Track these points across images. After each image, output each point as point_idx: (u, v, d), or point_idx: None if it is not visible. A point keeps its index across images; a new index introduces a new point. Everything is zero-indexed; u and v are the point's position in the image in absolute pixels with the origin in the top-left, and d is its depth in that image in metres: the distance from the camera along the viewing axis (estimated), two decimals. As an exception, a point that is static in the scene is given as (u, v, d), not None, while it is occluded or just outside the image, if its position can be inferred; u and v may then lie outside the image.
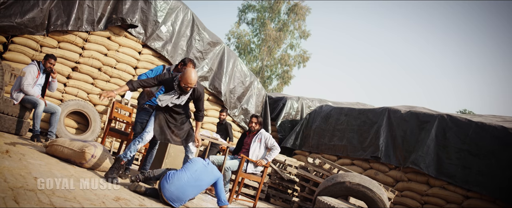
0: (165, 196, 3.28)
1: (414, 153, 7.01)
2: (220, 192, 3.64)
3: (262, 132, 5.20)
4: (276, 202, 6.85)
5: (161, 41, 7.32)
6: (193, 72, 3.70)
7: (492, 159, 6.27)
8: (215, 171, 3.59)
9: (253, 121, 5.24)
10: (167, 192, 3.27)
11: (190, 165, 3.50)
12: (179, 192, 3.28)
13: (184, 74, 3.69)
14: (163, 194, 3.28)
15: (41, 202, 2.13)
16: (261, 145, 5.10)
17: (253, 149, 5.07)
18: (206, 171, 3.51)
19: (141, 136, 3.80)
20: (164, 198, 3.29)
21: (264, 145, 5.12)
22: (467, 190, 6.40)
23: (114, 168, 3.66)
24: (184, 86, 3.71)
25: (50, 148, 3.73)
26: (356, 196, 4.40)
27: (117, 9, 6.79)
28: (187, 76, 3.66)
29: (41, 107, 4.86)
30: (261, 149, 5.09)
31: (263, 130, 5.25)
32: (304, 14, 25.19)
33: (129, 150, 3.80)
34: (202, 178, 3.44)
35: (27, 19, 5.93)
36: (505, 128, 6.37)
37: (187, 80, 3.68)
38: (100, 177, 3.48)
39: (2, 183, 2.22)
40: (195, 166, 3.48)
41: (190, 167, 3.47)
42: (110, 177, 3.51)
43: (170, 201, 3.28)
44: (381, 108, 8.02)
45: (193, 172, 3.41)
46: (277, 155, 6.02)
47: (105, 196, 2.73)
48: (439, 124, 7.00)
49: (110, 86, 6.91)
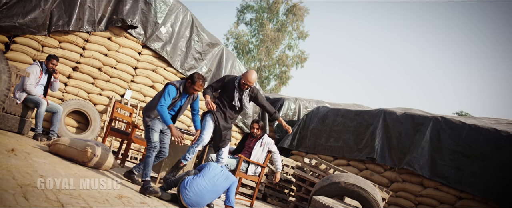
0: (184, 201, 3.42)
1: (408, 155, 7.13)
2: (231, 194, 3.77)
3: (265, 137, 5.42)
4: (273, 202, 6.97)
5: (160, 42, 7.42)
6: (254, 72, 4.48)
7: (485, 161, 6.40)
8: (230, 176, 3.73)
9: (255, 127, 5.46)
10: (187, 198, 3.41)
11: (208, 171, 3.61)
12: (198, 197, 3.42)
13: (246, 73, 4.46)
14: (182, 199, 3.42)
15: (49, 199, 2.23)
16: (264, 150, 5.32)
17: (255, 152, 5.28)
18: (222, 176, 3.64)
19: (200, 138, 4.31)
20: (184, 203, 3.42)
21: (266, 150, 5.32)
22: (460, 191, 6.53)
23: (173, 170, 4.10)
24: (243, 83, 4.42)
25: (53, 147, 3.82)
26: (351, 196, 4.52)
27: (117, 10, 6.88)
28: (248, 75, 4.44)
29: (43, 107, 4.95)
30: (262, 154, 5.32)
31: (266, 136, 5.46)
32: (303, 15, 25.33)
33: (188, 153, 4.27)
34: (219, 183, 3.58)
35: (29, 19, 6.01)
36: (498, 131, 6.51)
37: (248, 78, 4.42)
38: (102, 175, 3.58)
39: (11, 181, 2.32)
40: (212, 172, 3.61)
41: (207, 173, 3.59)
42: (168, 177, 4.07)
43: (190, 206, 3.42)
44: (377, 110, 8.15)
45: (211, 178, 3.55)
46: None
47: (108, 194, 2.83)
48: (433, 126, 7.13)
49: (110, 86, 7.00)
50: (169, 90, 3.84)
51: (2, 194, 2.04)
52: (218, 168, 3.71)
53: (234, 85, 4.60)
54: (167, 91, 3.84)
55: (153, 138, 3.81)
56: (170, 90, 3.85)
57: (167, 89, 3.86)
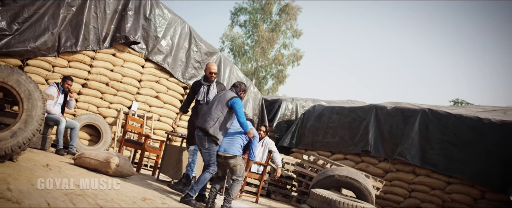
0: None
1: (400, 146, 7.65)
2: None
3: (266, 139, 6.04)
4: (276, 197, 7.48)
5: (162, 54, 7.91)
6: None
7: (469, 147, 6.91)
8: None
9: (262, 130, 6.10)
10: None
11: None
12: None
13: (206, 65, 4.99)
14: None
15: (90, 203, 2.73)
16: (265, 150, 5.91)
17: (257, 152, 5.88)
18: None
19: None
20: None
21: (267, 150, 5.90)
22: (449, 176, 7.04)
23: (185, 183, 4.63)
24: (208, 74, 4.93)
25: (78, 160, 4.32)
26: (345, 186, 5.03)
27: (120, 28, 7.36)
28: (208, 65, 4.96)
29: (63, 124, 5.46)
30: (264, 153, 5.89)
31: (267, 137, 6.06)
32: (295, 13, 25.82)
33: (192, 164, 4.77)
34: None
35: (40, 43, 6.50)
36: (480, 119, 7.02)
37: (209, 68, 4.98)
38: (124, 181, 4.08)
39: (57, 190, 2.82)
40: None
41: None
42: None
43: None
44: (369, 106, 8.66)
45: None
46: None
47: (134, 197, 3.34)
48: (421, 118, 7.64)
49: (118, 99, 7.49)
50: (240, 104, 4.26)
51: (55, 201, 2.55)
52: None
53: (200, 83, 5.13)
54: (240, 106, 4.23)
55: (211, 160, 4.19)
56: (241, 103, 4.28)
57: (239, 105, 4.23)
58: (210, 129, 4.12)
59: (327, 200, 4.29)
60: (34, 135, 3.34)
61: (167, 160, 5.33)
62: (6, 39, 6.20)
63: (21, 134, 3.23)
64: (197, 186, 4.10)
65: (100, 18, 7.16)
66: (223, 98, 4.30)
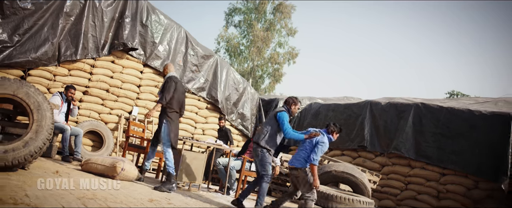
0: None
1: (395, 140, 7.87)
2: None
3: None
4: (277, 195, 7.68)
5: (159, 59, 8.10)
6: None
7: (462, 139, 7.14)
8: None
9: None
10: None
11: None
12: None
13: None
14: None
15: (101, 206, 2.93)
16: None
17: None
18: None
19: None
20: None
21: None
22: (443, 168, 7.27)
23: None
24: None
25: (85, 166, 4.51)
26: (342, 181, 5.24)
27: (118, 35, 7.54)
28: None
29: (68, 132, 5.65)
30: None
31: None
32: (290, 12, 25.98)
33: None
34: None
35: (41, 53, 6.68)
36: (471, 111, 7.24)
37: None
38: (131, 184, 4.27)
39: (70, 195, 3.02)
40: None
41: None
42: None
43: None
44: (364, 102, 8.88)
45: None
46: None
47: (142, 199, 3.54)
48: (415, 112, 7.86)
49: (118, 105, 7.68)
50: (285, 117, 4.59)
51: (69, 204, 2.75)
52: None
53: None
54: (285, 118, 4.57)
55: (269, 171, 4.56)
56: (284, 115, 4.60)
57: (284, 117, 4.57)
58: (261, 141, 4.56)
59: (325, 195, 4.49)
60: (44, 144, 3.53)
61: (169, 162, 5.53)
62: (8, 51, 6.38)
63: (33, 144, 3.42)
64: (260, 199, 4.47)
65: (98, 27, 7.34)
66: (272, 113, 4.77)
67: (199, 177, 5.44)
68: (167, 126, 4.76)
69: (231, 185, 5.98)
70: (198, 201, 4.44)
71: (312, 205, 4.35)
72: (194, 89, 8.64)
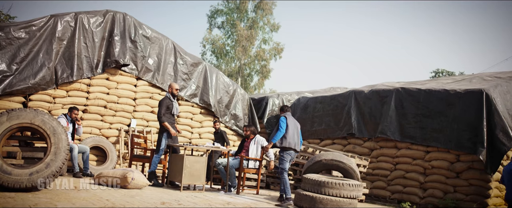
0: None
1: (381, 124, 8.40)
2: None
3: (257, 137, 6.75)
4: (276, 188, 8.17)
5: (150, 72, 8.51)
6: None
7: (441, 117, 7.68)
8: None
9: (245, 130, 6.77)
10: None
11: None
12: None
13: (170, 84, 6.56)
14: None
15: (121, 211, 3.38)
16: (258, 147, 6.59)
17: (251, 150, 6.56)
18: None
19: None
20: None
21: (259, 147, 6.58)
22: (426, 146, 7.81)
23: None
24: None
25: (98, 180, 4.94)
26: (332, 168, 5.74)
27: (109, 53, 7.93)
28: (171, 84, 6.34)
29: (75, 150, 6.07)
30: (258, 150, 6.57)
31: (258, 135, 6.77)
32: (271, 8, 26.41)
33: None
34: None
35: (39, 78, 7.06)
36: (447, 90, 7.78)
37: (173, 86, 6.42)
38: (142, 191, 4.72)
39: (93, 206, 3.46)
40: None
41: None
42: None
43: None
44: (348, 92, 9.39)
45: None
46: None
47: (155, 203, 3.99)
48: (396, 97, 8.39)
49: (117, 119, 8.08)
50: (282, 120, 5.73)
51: (96, 214, 3.19)
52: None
53: (170, 99, 6.45)
54: (282, 121, 5.72)
55: (286, 166, 5.60)
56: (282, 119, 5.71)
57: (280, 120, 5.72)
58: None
59: (317, 182, 4.99)
60: (63, 164, 3.95)
61: (173, 168, 5.99)
62: (8, 80, 6.76)
63: (53, 164, 3.84)
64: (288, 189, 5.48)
65: (90, 47, 7.73)
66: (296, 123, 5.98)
67: (202, 178, 5.91)
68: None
69: (232, 183, 6.47)
70: (207, 200, 4.88)
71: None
72: (187, 96, 9.06)
